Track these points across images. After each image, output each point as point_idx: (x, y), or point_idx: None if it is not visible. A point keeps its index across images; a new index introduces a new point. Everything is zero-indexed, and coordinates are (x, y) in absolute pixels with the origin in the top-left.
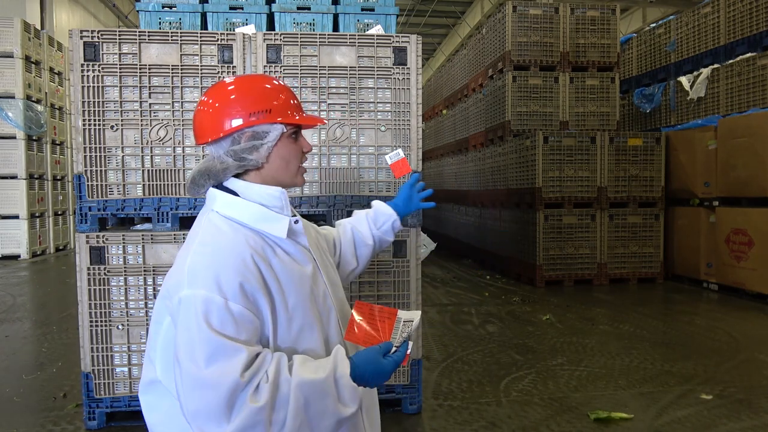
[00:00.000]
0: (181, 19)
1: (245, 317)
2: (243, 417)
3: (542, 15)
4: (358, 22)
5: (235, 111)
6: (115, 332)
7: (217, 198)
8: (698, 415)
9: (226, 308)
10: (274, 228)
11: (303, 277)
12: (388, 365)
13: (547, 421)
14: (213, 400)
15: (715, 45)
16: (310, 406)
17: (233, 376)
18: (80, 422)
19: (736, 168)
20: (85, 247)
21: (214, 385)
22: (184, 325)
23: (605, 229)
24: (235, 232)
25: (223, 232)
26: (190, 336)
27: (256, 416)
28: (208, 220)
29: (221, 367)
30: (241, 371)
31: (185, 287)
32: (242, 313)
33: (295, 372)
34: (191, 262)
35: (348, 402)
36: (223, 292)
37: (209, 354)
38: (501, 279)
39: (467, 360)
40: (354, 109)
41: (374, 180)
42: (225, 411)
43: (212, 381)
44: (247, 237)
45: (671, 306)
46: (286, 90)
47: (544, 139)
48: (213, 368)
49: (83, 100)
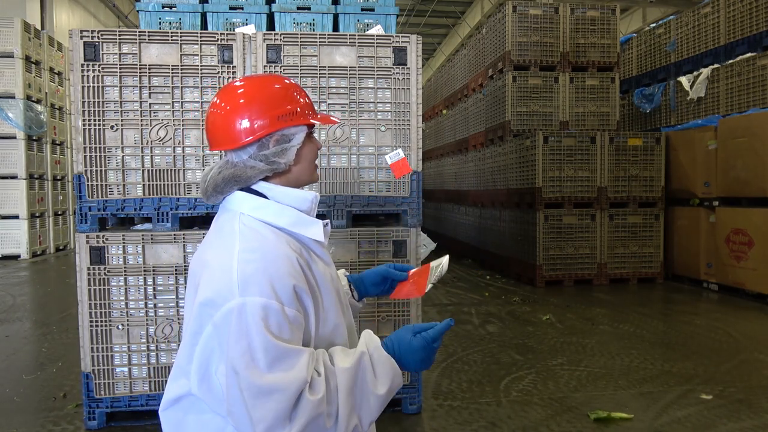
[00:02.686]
0: (181, 19)
1: (298, 320)
2: (306, 413)
3: (542, 15)
4: (358, 22)
5: (260, 115)
6: (115, 332)
7: (246, 201)
8: (698, 415)
9: (283, 313)
10: (311, 231)
11: (332, 278)
12: (417, 342)
13: (547, 421)
14: (281, 404)
15: (715, 45)
16: (355, 389)
17: (300, 377)
18: (80, 422)
19: (736, 168)
20: (85, 247)
21: (282, 389)
22: (239, 333)
23: (605, 229)
24: (278, 236)
25: (267, 238)
26: (249, 344)
27: (317, 409)
28: (242, 224)
29: (286, 371)
30: (307, 372)
31: (237, 295)
32: (296, 317)
33: (336, 362)
34: (240, 270)
35: (381, 376)
36: (280, 297)
37: (272, 360)
38: (501, 279)
39: (467, 360)
40: (354, 109)
41: (374, 180)
42: (291, 412)
43: (279, 385)
44: (289, 241)
45: (671, 306)
46: (302, 90)
47: (544, 139)
48: (277, 373)
49: (83, 100)
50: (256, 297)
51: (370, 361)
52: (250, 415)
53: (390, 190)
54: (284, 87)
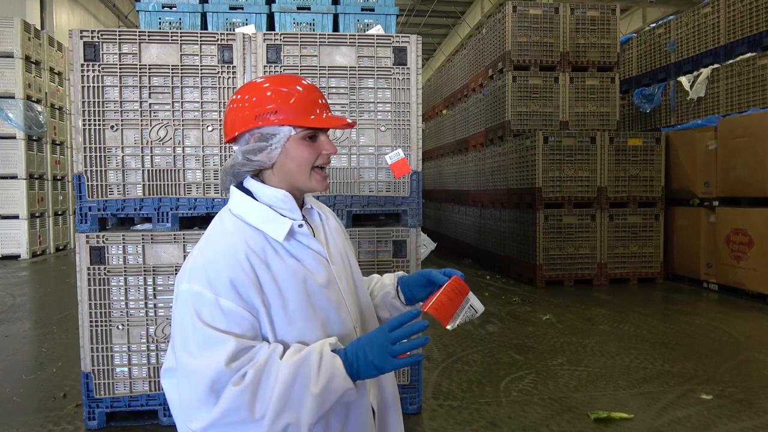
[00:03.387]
0: (181, 19)
1: (236, 313)
2: (227, 401)
3: (542, 15)
4: (358, 22)
5: (247, 112)
6: (115, 332)
7: (233, 196)
8: (698, 415)
9: (217, 304)
10: (275, 230)
11: (308, 282)
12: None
13: (547, 421)
14: (198, 388)
15: (715, 45)
16: (295, 385)
17: (218, 364)
18: (80, 422)
19: (736, 168)
20: (85, 247)
21: (201, 374)
22: (179, 317)
23: (605, 229)
24: (237, 231)
25: (227, 232)
26: (184, 328)
27: (238, 399)
28: (219, 219)
29: (208, 357)
30: (225, 360)
31: (185, 282)
32: (232, 309)
33: (285, 356)
34: (193, 259)
35: (320, 375)
36: (215, 288)
37: (199, 345)
38: (501, 279)
39: (467, 360)
40: (354, 109)
41: (374, 180)
42: (209, 397)
43: (198, 369)
44: (248, 237)
45: (671, 306)
46: (305, 91)
47: (544, 139)
48: (200, 359)
49: (83, 100)
50: (195, 285)
51: (319, 359)
52: (180, 392)
53: (390, 190)
54: (285, 89)
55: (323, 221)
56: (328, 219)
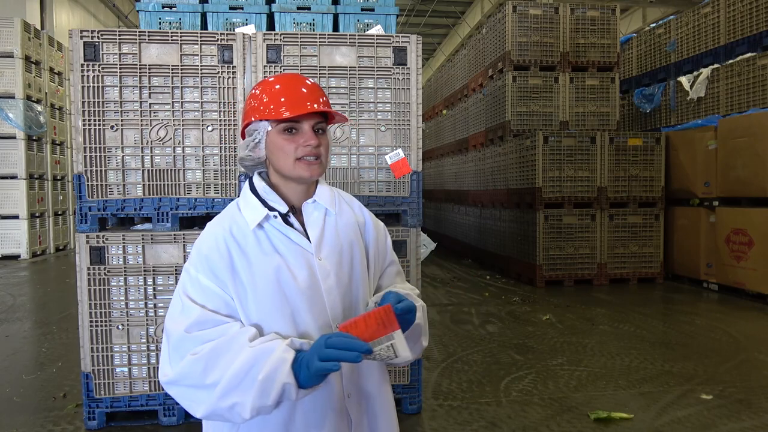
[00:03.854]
0: (181, 19)
1: (211, 290)
2: (183, 365)
3: (542, 15)
4: (358, 22)
5: (246, 110)
6: (115, 332)
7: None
8: (698, 415)
9: (197, 280)
10: (251, 218)
11: (282, 271)
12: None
13: (547, 421)
14: (167, 347)
15: (715, 45)
16: (251, 370)
17: (180, 329)
18: (80, 422)
19: (736, 168)
20: (85, 247)
21: (169, 335)
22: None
23: (605, 229)
24: (227, 218)
25: (220, 219)
26: (174, 296)
27: (190, 367)
28: (226, 209)
29: (177, 322)
30: (186, 327)
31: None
32: (208, 286)
33: (255, 342)
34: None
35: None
36: (197, 266)
37: (179, 311)
38: (501, 279)
39: (467, 360)
40: (354, 109)
41: (374, 180)
42: (173, 358)
43: (169, 332)
44: (233, 223)
45: (671, 306)
46: (284, 86)
47: (544, 139)
48: (172, 323)
49: (83, 100)
50: (188, 263)
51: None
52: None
53: (390, 190)
54: (268, 86)
55: (328, 216)
56: (340, 215)
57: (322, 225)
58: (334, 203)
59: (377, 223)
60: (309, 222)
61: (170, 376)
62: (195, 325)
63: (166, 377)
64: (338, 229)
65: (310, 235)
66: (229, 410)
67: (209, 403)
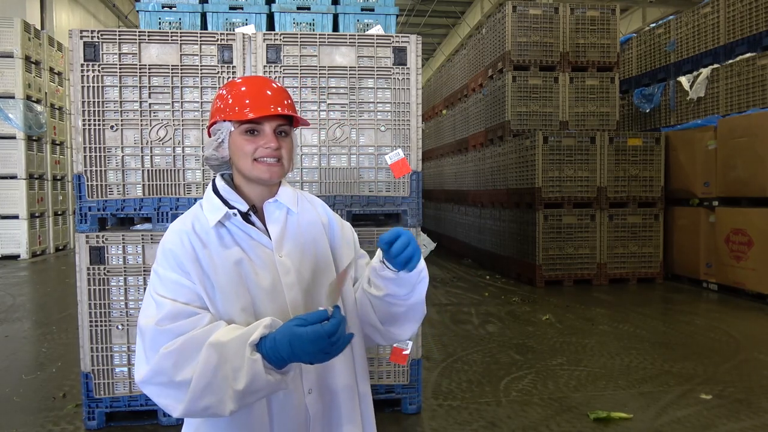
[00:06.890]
0: (181, 19)
1: (179, 283)
2: (155, 361)
3: (542, 15)
4: (358, 22)
5: (212, 110)
6: (114, 332)
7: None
8: (698, 415)
9: (165, 277)
10: (211, 216)
11: (243, 265)
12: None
13: (547, 421)
14: (140, 345)
15: (715, 45)
16: (218, 372)
17: (150, 323)
18: (80, 422)
19: (736, 168)
20: (85, 247)
21: (142, 332)
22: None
23: (605, 229)
24: (190, 217)
25: (183, 217)
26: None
27: (163, 361)
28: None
29: (148, 316)
30: (157, 320)
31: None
32: (176, 279)
33: (217, 333)
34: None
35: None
36: (163, 264)
37: (150, 310)
38: (501, 279)
39: (467, 360)
40: (354, 109)
41: (374, 180)
42: (148, 355)
43: (141, 329)
44: (195, 220)
45: (671, 306)
46: (249, 88)
47: (544, 139)
48: (144, 318)
49: (83, 100)
50: (155, 264)
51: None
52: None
53: (390, 190)
54: (231, 88)
55: (290, 215)
56: (303, 213)
57: (284, 223)
58: (296, 202)
59: (341, 222)
60: (270, 220)
61: (143, 374)
62: (166, 318)
63: (139, 376)
64: (300, 227)
65: (271, 232)
66: (204, 411)
67: (185, 402)
